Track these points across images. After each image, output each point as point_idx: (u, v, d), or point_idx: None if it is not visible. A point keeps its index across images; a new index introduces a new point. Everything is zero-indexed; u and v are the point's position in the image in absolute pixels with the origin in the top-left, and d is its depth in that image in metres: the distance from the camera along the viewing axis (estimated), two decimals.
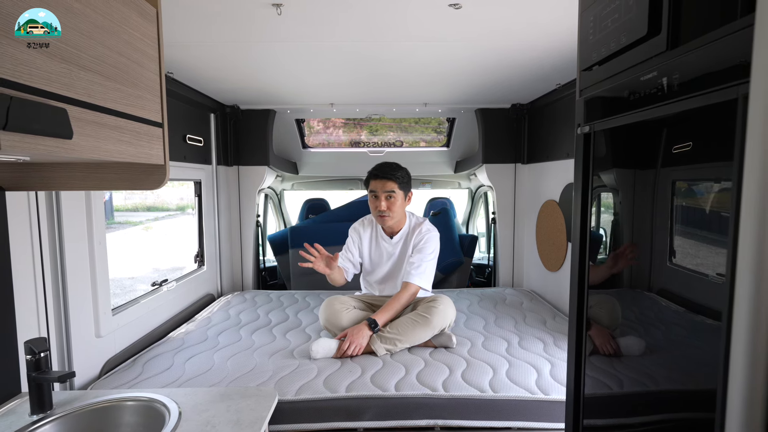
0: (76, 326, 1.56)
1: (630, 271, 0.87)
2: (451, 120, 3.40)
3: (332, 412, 1.53)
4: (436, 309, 1.96)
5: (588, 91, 0.93)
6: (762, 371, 0.48)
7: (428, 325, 1.93)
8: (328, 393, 1.58)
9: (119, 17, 0.92)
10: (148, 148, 1.04)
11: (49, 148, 0.73)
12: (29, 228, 1.37)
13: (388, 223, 2.18)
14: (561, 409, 1.40)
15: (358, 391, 1.60)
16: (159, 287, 2.24)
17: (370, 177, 2.17)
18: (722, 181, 0.61)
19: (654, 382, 0.79)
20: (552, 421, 1.52)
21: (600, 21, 0.84)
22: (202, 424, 1.09)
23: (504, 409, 1.54)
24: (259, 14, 1.42)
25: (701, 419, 0.66)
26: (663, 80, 0.67)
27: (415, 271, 2.10)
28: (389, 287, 2.24)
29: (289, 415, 1.51)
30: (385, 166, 2.16)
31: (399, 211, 2.17)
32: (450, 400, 1.56)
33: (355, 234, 2.29)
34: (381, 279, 2.27)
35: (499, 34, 1.65)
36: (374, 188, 2.15)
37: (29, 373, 1.10)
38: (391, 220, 2.16)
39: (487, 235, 3.95)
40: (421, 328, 1.93)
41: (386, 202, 2.13)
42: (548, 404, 1.55)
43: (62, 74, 0.76)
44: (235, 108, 2.99)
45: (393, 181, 2.11)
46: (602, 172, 0.93)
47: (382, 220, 2.17)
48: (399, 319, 1.99)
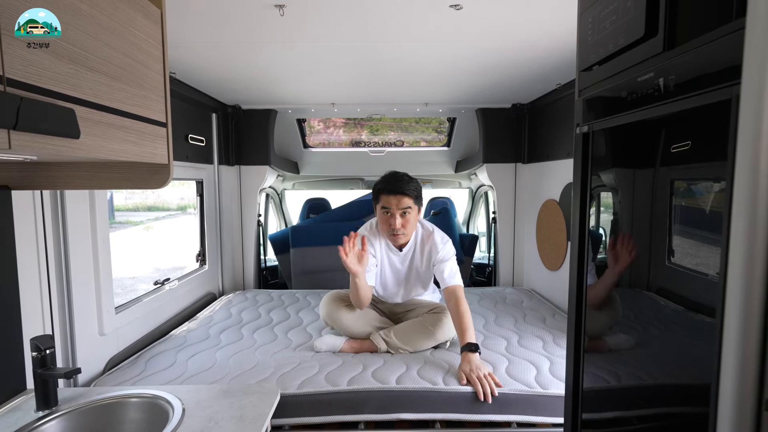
0: (79, 324, 1.58)
1: (629, 270, 0.88)
2: (452, 120, 3.41)
3: (334, 405, 1.55)
4: (441, 323, 1.95)
5: (587, 91, 0.94)
6: (752, 366, 0.49)
7: (432, 337, 1.94)
8: (330, 387, 1.60)
9: (125, 19, 0.93)
10: (152, 147, 1.05)
11: (57, 147, 0.74)
12: (34, 227, 1.39)
13: (401, 241, 1.99)
14: (560, 404, 1.42)
15: (359, 384, 1.62)
16: (161, 286, 2.26)
17: (381, 192, 1.93)
18: (720, 181, 0.62)
19: (651, 377, 0.80)
20: (551, 416, 1.53)
21: (598, 22, 0.85)
22: (205, 420, 1.10)
23: (504, 403, 1.55)
24: (262, 15, 1.44)
25: (696, 413, 0.67)
26: (660, 81, 0.68)
27: (450, 278, 1.95)
28: (390, 294, 2.18)
29: (291, 409, 1.52)
30: (398, 179, 1.93)
31: (413, 227, 1.97)
32: (450, 393, 1.57)
33: (368, 245, 2.00)
34: (384, 288, 2.17)
35: (499, 35, 1.66)
36: (387, 204, 1.91)
37: (35, 370, 1.12)
38: (405, 237, 1.97)
39: (487, 235, 3.96)
40: (424, 338, 1.93)
41: (402, 219, 1.91)
42: (547, 398, 1.56)
43: (70, 75, 0.77)
44: (237, 108, 3.01)
45: (409, 197, 1.90)
46: (601, 171, 0.94)
47: (395, 239, 1.97)
48: (405, 327, 1.98)
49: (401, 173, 1.99)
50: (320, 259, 3.11)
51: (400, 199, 1.90)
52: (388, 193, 1.92)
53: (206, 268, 2.80)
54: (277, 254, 3.37)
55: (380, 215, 1.98)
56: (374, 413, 1.54)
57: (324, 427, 1.54)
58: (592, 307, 0.99)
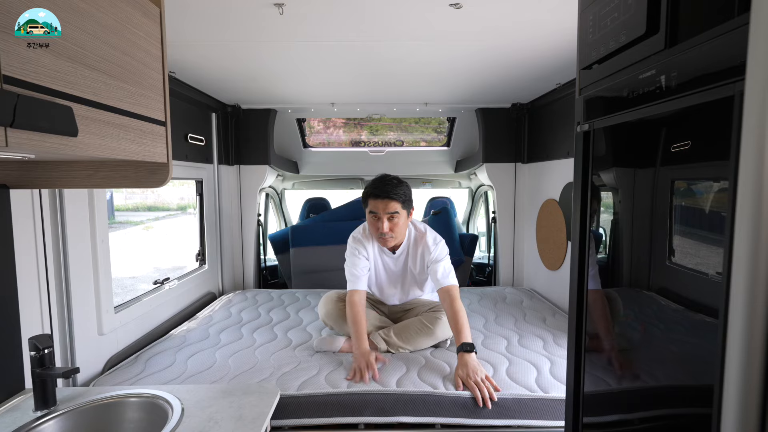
0: (78, 324, 1.57)
1: (630, 270, 0.88)
2: (452, 119, 3.41)
3: (333, 407, 1.54)
4: (440, 321, 1.95)
5: (587, 89, 0.94)
6: (757, 367, 0.48)
7: (432, 335, 1.94)
8: (330, 389, 1.59)
9: (123, 17, 0.93)
10: (151, 146, 1.05)
11: (54, 145, 0.74)
12: (33, 226, 1.38)
13: (390, 245, 2.00)
14: (561, 407, 1.41)
15: (359, 387, 1.61)
16: (161, 285, 2.25)
17: (369, 196, 1.94)
18: (721, 180, 0.61)
19: (653, 379, 0.79)
20: (552, 419, 1.53)
21: (599, 20, 0.85)
22: (205, 420, 1.10)
23: (504, 407, 1.55)
24: (261, 14, 1.43)
25: (699, 414, 0.66)
26: (661, 78, 0.68)
27: (444, 278, 1.94)
28: (387, 296, 2.18)
29: (290, 410, 1.52)
30: (385, 182, 1.92)
31: (402, 230, 1.98)
32: (451, 398, 1.57)
33: (361, 248, 2.03)
34: (380, 290, 2.17)
35: (499, 33, 1.66)
36: (374, 209, 1.92)
37: (33, 369, 1.11)
38: (394, 240, 1.98)
39: (487, 235, 3.96)
40: (424, 337, 1.94)
41: (389, 224, 1.92)
42: (548, 402, 1.55)
43: (68, 73, 0.77)
44: (237, 107, 3.00)
45: (395, 201, 1.90)
46: (602, 171, 0.94)
47: (384, 242, 1.98)
48: (405, 326, 1.98)
49: (391, 177, 1.97)
50: (320, 258, 3.10)
51: (387, 203, 1.90)
52: (374, 197, 1.91)
53: (206, 267, 2.80)
54: (277, 254, 3.37)
55: (369, 219, 1.99)
56: (374, 416, 1.53)
57: (324, 428, 1.53)
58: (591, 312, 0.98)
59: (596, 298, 0.98)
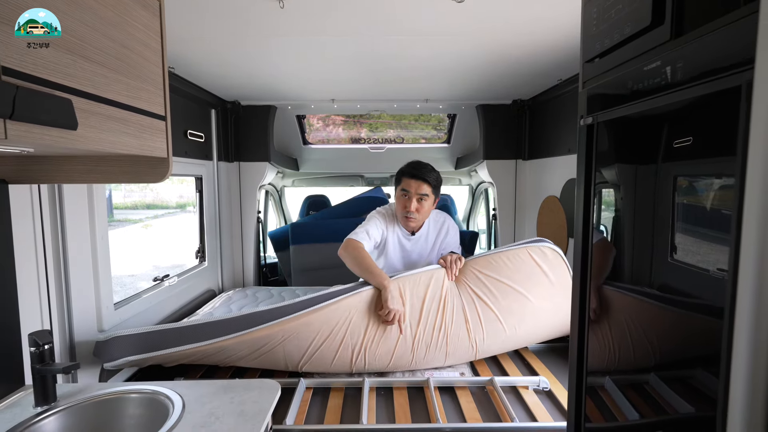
0: (78, 320, 1.57)
1: (631, 267, 0.87)
2: (452, 116, 3.40)
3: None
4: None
5: (591, 82, 0.93)
6: (764, 367, 0.48)
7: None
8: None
9: (123, 9, 0.92)
10: (151, 140, 1.04)
11: (54, 138, 0.73)
12: (32, 221, 1.37)
13: (412, 225, 2.09)
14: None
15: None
16: (160, 282, 2.25)
17: (404, 174, 2.04)
18: (724, 177, 0.61)
19: (654, 379, 0.79)
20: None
21: (603, 12, 0.84)
22: (205, 416, 1.09)
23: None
24: (262, 8, 1.42)
25: (702, 415, 0.66)
26: (667, 69, 0.67)
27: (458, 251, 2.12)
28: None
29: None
30: (422, 166, 2.04)
31: (426, 214, 2.08)
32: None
33: (382, 222, 2.10)
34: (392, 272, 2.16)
35: (500, 29, 1.65)
36: (407, 187, 2.02)
37: (33, 366, 1.10)
38: (417, 223, 2.07)
39: (487, 232, 3.95)
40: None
41: (417, 204, 2.01)
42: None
43: (67, 65, 0.76)
44: (236, 104, 2.99)
45: (428, 184, 2.01)
46: (604, 167, 0.93)
47: (407, 222, 2.06)
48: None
49: (426, 163, 2.09)
50: (320, 256, 3.10)
51: (420, 184, 2.00)
52: (410, 176, 2.02)
53: (206, 264, 2.79)
54: (277, 251, 3.36)
55: (398, 197, 2.07)
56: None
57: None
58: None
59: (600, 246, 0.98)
